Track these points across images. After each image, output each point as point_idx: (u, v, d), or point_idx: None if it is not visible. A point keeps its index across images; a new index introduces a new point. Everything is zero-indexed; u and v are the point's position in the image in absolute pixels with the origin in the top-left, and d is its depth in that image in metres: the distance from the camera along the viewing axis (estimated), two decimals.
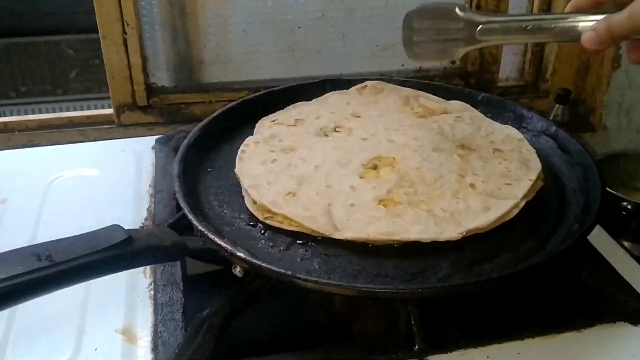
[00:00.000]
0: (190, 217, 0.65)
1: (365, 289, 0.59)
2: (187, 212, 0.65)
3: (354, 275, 0.62)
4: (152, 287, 0.69)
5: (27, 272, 0.50)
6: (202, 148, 0.80)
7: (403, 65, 1.12)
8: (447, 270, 0.62)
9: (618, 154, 1.07)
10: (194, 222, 0.64)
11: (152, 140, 0.97)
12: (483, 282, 0.60)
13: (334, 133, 0.83)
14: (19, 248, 0.52)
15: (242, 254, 0.60)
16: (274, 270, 0.59)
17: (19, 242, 0.55)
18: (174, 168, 0.73)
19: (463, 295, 0.66)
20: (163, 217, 0.79)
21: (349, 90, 0.93)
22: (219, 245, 0.61)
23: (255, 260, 0.60)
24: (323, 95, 0.92)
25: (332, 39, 1.09)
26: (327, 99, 0.91)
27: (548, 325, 0.64)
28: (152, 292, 0.69)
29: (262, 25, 1.06)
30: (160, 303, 0.67)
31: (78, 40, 1.81)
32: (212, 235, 0.62)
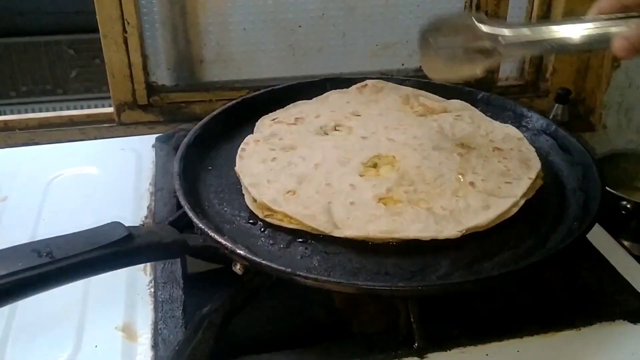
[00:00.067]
0: (191, 214, 0.65)
1: (365, 287, 0.60)
2: (187, 210, 0.65)
3: (354, 273, 0.62)
4: (152, 284, 0.69)
5: (27, 268, 0.50)
6: (202, 146, 0.80)
7: (403, 64, 1.12)
8: (446, 268, 0.62)
9: (618, 154, 1.08)
10: (194, 219, 0.64)
11: (152, 139, 0.97)
12: (483, 280, 0.60)
13: (334, 132, 0.83)
14: (20, 245, 0.53)
15: (242, 252, 0.60)
16: (274, 268, 0.59)
17: (19, 240, 0.55)
18: (175, 166, 0.73)
19: (463, 293, 0.66)
20: (163, 215, 0.79)
21: (349, 89, 0.93)
22: (219, 243, 0.61)
23: (255, 258, 0.60)
24: (323, 94, 0.92)
25: (332, 38, 1.09)
26: (327, 98, 0.91)
27: (548, 324, 0.64)
28: (152, 289, 0.69)
29: (262, 24, 1.06)
30: (161, 300, 0.67)
31: (78, 40, 1.81)
32: (212, 233, 0.62)
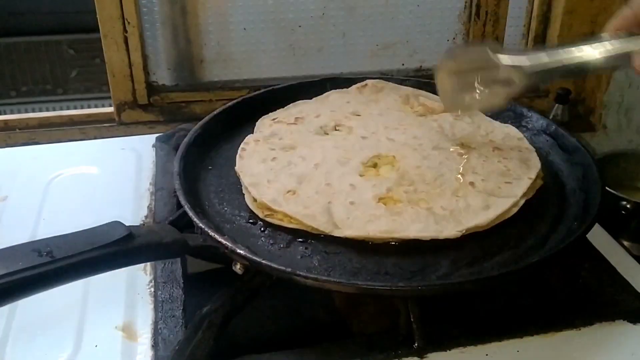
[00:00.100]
0: (191, 214, 0.65)
1: (365, 286, 0.60)
2: (187, 209, 0.65)
3: (354, 273, 0.62)
4: (152, 284, 0.69)
5: (27, 268, 0.50)
6: (202, 146, 0.80)
7: (403, 64, 1.12)
8: (446, 268, 0.62)
9: (618, 154, 1.08)
10: (195, 219, 0.64)
11: (152, 139, 0.97)
12: (483, 280, 0.60)
13: (334, 131, 0.83)
14: (20, 244, 0.52)
15: (242, 251, 0.60)
16: (274, 268, 0.59)
17: (19, 239, 0.55)
18: (175, 166, 0.73)
19: (463, 293, 0.66)
20: (163, 214, 0.79)
21: (349, 89, 0.93)
22: (219, 243, 0.61)
23: (256, 258, 0.60)
24: (323, 94, 0.92)
25: (332, 38, 1.09)
26: (327, 98, 0.91)
27: (547, 324, 0.64)
28: (152, 289, 0.69)
29: (262, 24, 1.06)
30: (161, 300, 0.67)
31: (78, 40, 1.81)
32: (212, 233, 0.62)
